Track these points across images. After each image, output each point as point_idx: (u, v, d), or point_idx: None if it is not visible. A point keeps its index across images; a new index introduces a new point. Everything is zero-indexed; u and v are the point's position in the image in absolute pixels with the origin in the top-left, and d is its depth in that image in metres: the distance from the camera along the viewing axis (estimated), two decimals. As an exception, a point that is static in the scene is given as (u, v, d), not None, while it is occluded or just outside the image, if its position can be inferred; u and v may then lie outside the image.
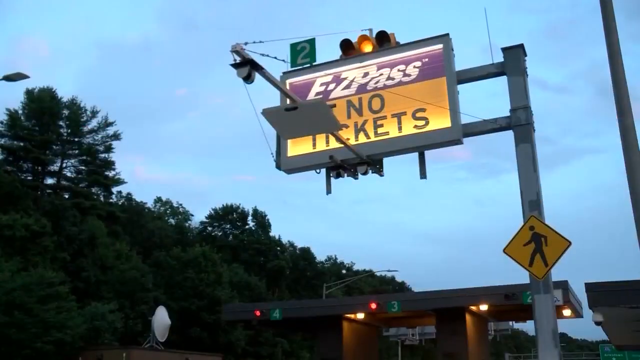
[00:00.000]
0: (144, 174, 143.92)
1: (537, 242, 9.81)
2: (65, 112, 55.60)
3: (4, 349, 33.61)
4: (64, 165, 56.99)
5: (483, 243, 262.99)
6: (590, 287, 14.89)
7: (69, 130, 56.21)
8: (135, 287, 48.29)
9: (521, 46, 12.40)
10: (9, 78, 20.62)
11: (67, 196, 54.75)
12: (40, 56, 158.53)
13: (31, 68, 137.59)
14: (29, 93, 53.62)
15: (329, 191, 13.38)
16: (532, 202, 10.77)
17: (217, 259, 58.26)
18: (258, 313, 31.80)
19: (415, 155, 12.98)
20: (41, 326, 34.46)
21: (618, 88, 8.05)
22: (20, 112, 53.52)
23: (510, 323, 44.74)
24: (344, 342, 32.15)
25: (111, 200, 61.45)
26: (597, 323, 17.35)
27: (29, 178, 54.47)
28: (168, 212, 76.33)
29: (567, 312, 28.39)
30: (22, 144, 53.16)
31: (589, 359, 59.92)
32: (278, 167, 13.77)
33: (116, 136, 57.80)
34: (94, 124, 57.00)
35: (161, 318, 39.41)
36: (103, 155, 58.22)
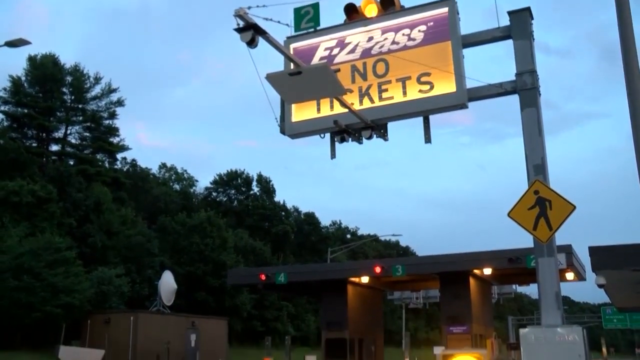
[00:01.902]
0: (147, 140, 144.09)
1: (541, 206, 9.85)
2: (69, 78, 55.40)
3: (15, 311, 34.18)
4: (69, 132, 57.01)
5: (487, 208, 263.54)
6: (593, 251, 14.97)
7: (73, 97, 56.06)
8: (141, 252, 48.72)
9: (528, 9, 12.26)
10: (11, 44, 20.53)
11: (72, 163, 54.87)
12: (40, 23, 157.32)
13: (32, 35, 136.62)
14: (31, 59, 53.34)
15: (333, 156, 13.40)
16: (537, 167, 10.77)
17: (222, 224, 58.60)
18: (263, 277, 32.14)
19: (420, 120, 12.94)
20: (50, 290, 34.95)
21: (627, 50, 7.97)
22: (23, 78, 53.33)
23: (514, 286, 45.22)
24: (349, 305, 32.54)
25: (116, 167, 61.60)
26: (600, 286, 17.49)
27: (33, 145, 54.56)
28: (173, 178, 76.50)
29: (570, 276, 28.63)
30: (25, 110, 53.09)
31: (591, 321, 60.40)
32: (282, 132, 13.76)
33: (120, 102, 57.68)
34: (97, 90, 56.87)
35: (167, 282, 39.86)
36: (107, 121, 58.18)
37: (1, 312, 34.26)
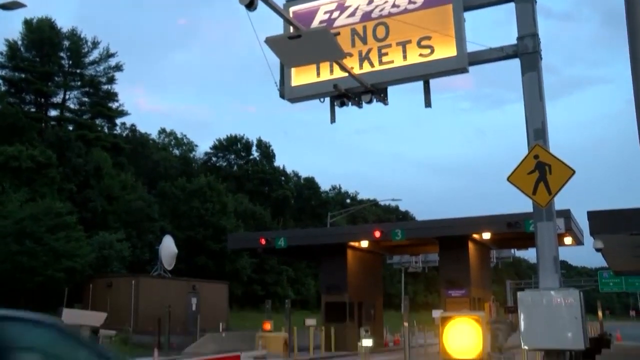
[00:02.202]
0: (146, 105, 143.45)
1: (541, 170, 9.86)
2: (66, 43, 54.91)
3: (18, 275, 34.53)
4: (67, 97, 56.76)
5: (486, 173, 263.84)
6: (592, 215, 15.06)
7: (71, 62, 55.66)
8: (141, 217, 48.93)
9: (530, -29, 12.07)
10: (5, 7, 20.21)
11: (71, 128, 54.76)
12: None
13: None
14: (27, 23, 52.77)
15: (333, 120, 13.35)
16: (537, 131, 10.73)
17: (222, 189, 58.72)
18: (263, 241, 32.35)
19: (420, 84, 12.86)
20: (51, 255, 35.23)
21: (631, 14, 7.88)
22: (19, 42, 52.83)
23: (512, 251, 45.47)
24: (348, 269, 32.82)
25: (115, 132, 61.49)
26: (598, 250, 17.63)
27: (32, 110, 54.36)
28: (172, 143, 76.40)
29: (568, 240, 28.81)
30: (23, 75, 52.75)
31: (588, 284, 61.01)
32: (282, 96, 13.69)
33: (118, 67, 57.29)
34: (95, 55, 56.43)
35: (168, 247, 40.13)
36: (105, 86, 57.89)
37: (4, 276, 34.59)
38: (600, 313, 49.25)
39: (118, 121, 61.93)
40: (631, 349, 33.06)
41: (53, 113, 57.00)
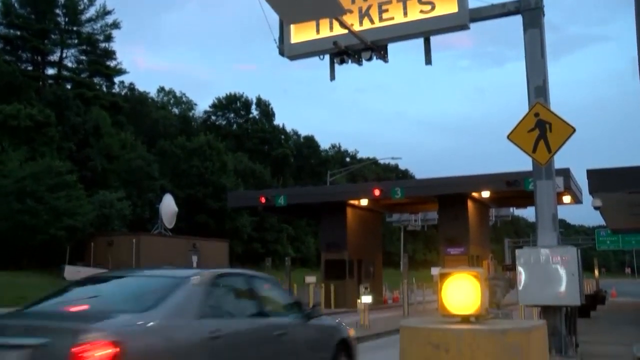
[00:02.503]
0: (144, 64, 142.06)
1: (541, 128, 9.83)
2: (62, -1, 54.12)
3: (20, 233, 34.82)
4: (64, 55, 56.18)
5: (486, 132, 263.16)
6: (591, 174, 15.08)
7: (67, 19, 54.90)
8: (141, 176, 48.99)
9: None
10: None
11: (69, 86, 54.35)
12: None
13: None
14: (20, -22, 51.95)
15: (332, 78, 13.25)
16: (538, 89, 10.65)
17: (222, 147, 58.66)
18: (263, 199, 32.47)
19: (420, 42, 12.71)
20: (53, 213, 35.42)
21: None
22: (13, -1, 52.07)
23: (511, 209, 45.67)
24: (348, 227, 33.02)
25: (114, 91, 61.09)
26: (596, 208, 17.70)
27: (29, 68, 53.88)
28: (171, 101, 75.99)
29: (567, 199, 28.91)
30: (18, 32, 52.08)
31: (585, 242, 61.49)
32: (281, 53, 13.56)
33: (115, 25, 56.56)
34: (92, 12, 55.67)
35: (168, 205, 40.31)
36: (103, 44, 57.27)
37: (7, 234, 34.89)
38: (596, 270, 49.80)
39: (116, 80, 61.56)
40: (624, 305, 33.60)
41: (50, 71, 56.56)
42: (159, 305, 5.43)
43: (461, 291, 4.60)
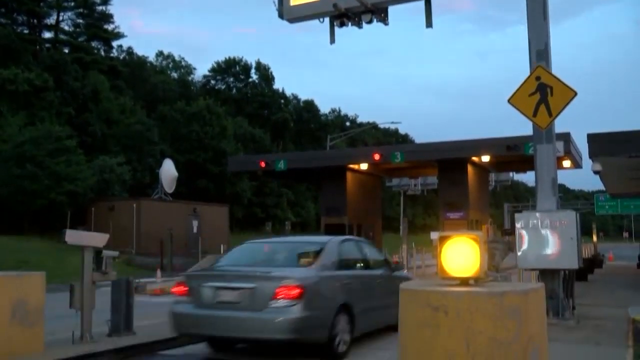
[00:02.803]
0: (142, 28, 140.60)
1: (542, 92, 9.78)
2: (56, -41, 53.22)
3: (21, 198, 34.92)
4: (61, 18, 55.45)
5: (487, 96, 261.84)
6: (592, 138, 15.05)
7: (63, -20, 54.11)
8: (141, 141, 48.88)
9: None
10: None
11: (66, 51, 53.84)
12: None
13: None
14: (15, -61, 50.95)
15: (332, 41, 13.12)
16: (539, 52, 10.55)
17: (221, 112, 58.40)
18: (263, 164, 32.46)
19: (421, 4, 12.55)
20: (53, 178, 35.46)
21: None
22: (8, -40, 51.17)
23: (511, 174, 45.64)
24: (348, 192, 33.07)
25: (112, 55, 60.50)
26: (596, 172, 17.71)
27: (25, 32, 53.21)
28: (170, 66, 75.39)
29: (567, 163, 28.89)
30: (13, -6, 51.34)
31: (584, 207, 61.68)
32: (281, 16, 13.41)
33: (112, -14, 55.74)
34: (88, -27, 54.74)
35: (168, 170, 40.29)
36: (100, 7, 56.49)
37: (8, 199, 35.00)
38: (594, 235, 50.08)
39: (114, 44, 60.88)
40: (620, 268, 33.96)
41: (47, 35, 55.91)
42: (315, 262, 8.57)
43: (460, 254, 4.62)
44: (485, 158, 29.64)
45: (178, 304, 8.43)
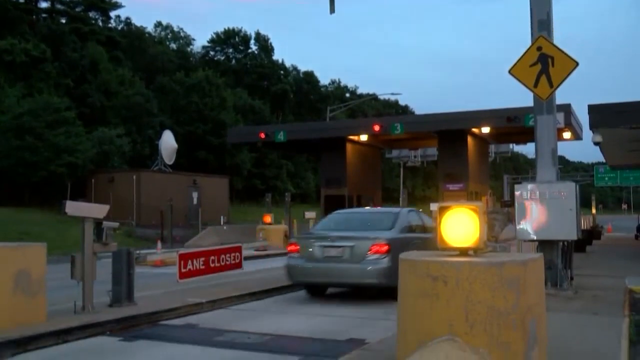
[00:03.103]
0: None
1: (543, 62, 9.71)
2: None
3: (21, 170, 34.95)
4: (58, -13, 54.85)
5: (487, 67, 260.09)
6: (592, 109, 14.99)
7: (59, -52, 53.41)
8: (140, 112, 48.73)
9: None
10: None
11: (64, 21, 53.31)
12: None
13: None
14: None
15: (332, 11, 13.01)
16: (541, 22, 10.44)
17: (221, 83, 58.11)
18: (263, 135, 32.39)
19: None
20: (52, 150, 35.42)
21: None
22: None
23: (511, 146, 45.55)
24: (348, 163, 33.07)
25: (110, 25, 59.98)
26: (596, 143, 17.65)
27: (21, 0, 52.63)
28: (169, 36, 74.77)
29: (567, 135, 28.83)
30: (8, -38, 50.64)
31: (584, 179, 61.70)
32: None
33: (109, -45, 55.00)
34: (84, -60, 53.99)
35: (167, 142, 40.23)
36: (97, -24, 55.80)
37: (8, 171, 35.02)
38: (593, 206, 50.18)
39: (112, 14, 60.35)
40: (618, 239, 34.11)
41: (44, 5, 55.32)
42: (393, 226, 11.01)
43: (460, 224, 4.64)
44: (485, 129, 29.56)
45: (292, 259, 11.14)
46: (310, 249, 10.79)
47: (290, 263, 11.14)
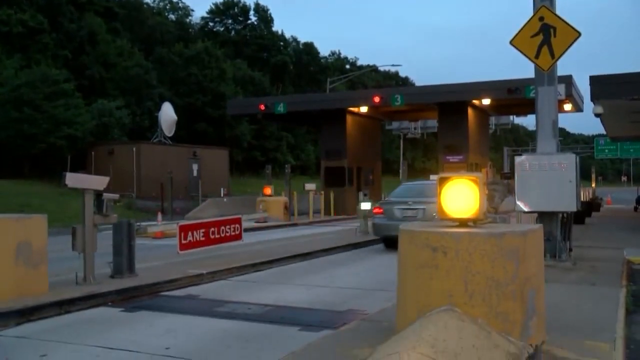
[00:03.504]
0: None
1: (545, 33, 9.63)
2: None
3: (20, 142, 34.88)
4: (54, -44, 54.07)
5: (488, 39, 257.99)
6: (594, 80, 14.92)
7: None
8: (139, 84, 48.47)
9: None
10: None
11: (60, -10, 52.68)
12: None
13: None
14: None
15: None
16: (543, -8, 10.32)
17: (220, 54, 57.73)
18: (262, 107, 32.28)
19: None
20: (51, 122, 35.32)
21: None
22: None
23: (511, 117, 45.43)
24: (348, 135, 33.01)
25: (107, -5, 59.25)
26: (597, 115, 17.60)
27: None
28: (167, 7, 74.02)
29: (568, 107, 28.73)
30: None
31: (584, 151, 61.67)
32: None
33: None
34: None
35: (167, 113, 40.10)
36: (94, -55, 54.99)
37: (8, 143, 34.97)
38: (593, 179, 50.25)
39: (109, -16, 59.50)
40: (617, 211, 34.23)
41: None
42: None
43: (460, 195, 4.64)
44: (486, 101, 29.46)
45: (377, 219, 14.86)
46: (392, 211, 14.35)
47: (376, 222, 14.85)
